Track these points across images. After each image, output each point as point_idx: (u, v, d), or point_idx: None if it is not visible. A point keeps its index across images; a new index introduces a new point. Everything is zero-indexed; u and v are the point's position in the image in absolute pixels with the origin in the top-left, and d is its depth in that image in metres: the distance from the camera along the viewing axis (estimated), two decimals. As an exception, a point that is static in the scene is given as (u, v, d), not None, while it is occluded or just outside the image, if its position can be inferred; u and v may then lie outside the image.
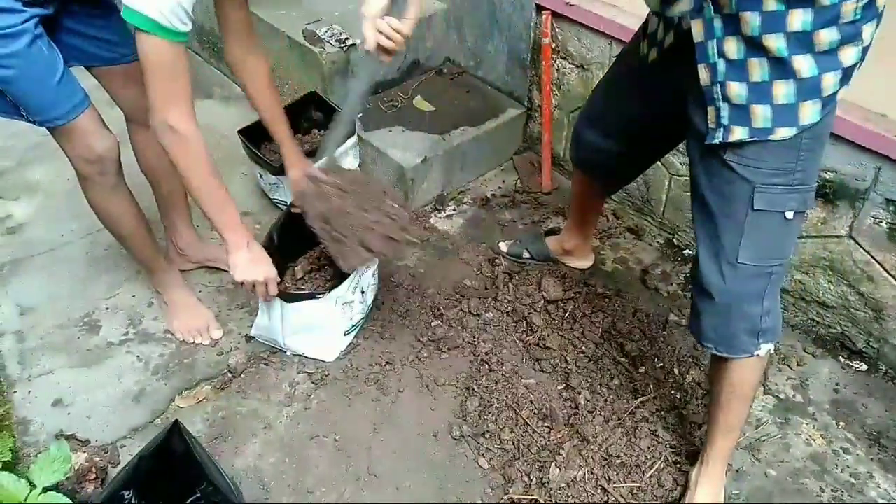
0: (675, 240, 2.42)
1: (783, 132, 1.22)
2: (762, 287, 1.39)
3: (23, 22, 1.48)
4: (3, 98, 1.57)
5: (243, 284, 1.76)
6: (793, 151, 1.25)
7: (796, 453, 1.81)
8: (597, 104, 1.75)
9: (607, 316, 2.12)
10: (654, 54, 1.46)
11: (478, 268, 2.31)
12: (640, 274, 2.31)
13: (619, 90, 1.65)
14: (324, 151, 1.86)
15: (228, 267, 1.77)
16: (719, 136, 1.27)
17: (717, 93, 1.24)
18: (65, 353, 2.02)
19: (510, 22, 2.57)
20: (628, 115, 1.63)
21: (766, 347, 1.46)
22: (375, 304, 2.16)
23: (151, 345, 2.06)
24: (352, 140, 2.44)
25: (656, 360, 2.00)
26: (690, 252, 2.38)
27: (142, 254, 2.01)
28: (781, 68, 1.16)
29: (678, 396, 1.91)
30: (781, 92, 1.18)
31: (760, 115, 1.21)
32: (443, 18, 2.82)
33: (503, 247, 2.34)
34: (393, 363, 2.00)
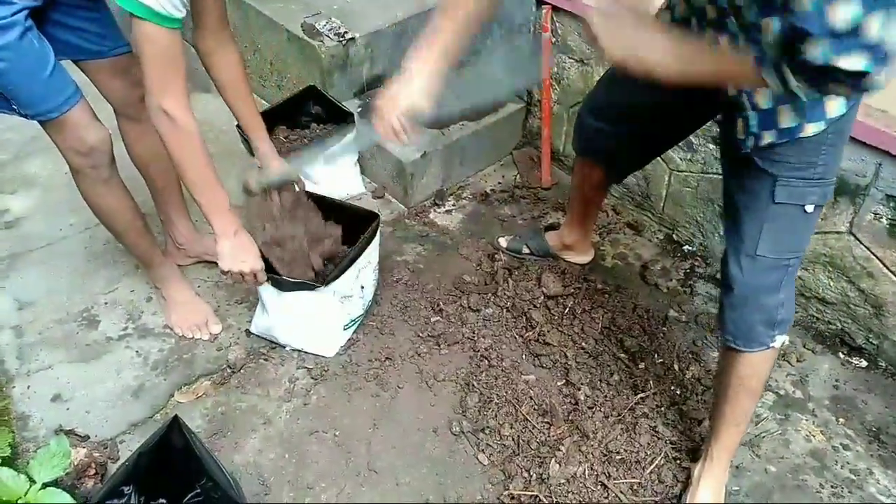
0: (674, 235, 2.41)
1: (811, 128, 1.23)
2: (779, 279, 1.40)
3: (13, 14, 1.47)
4: None
5: (230, 274, 1.75)
6: (816, 146, 1.26)
7: (796, 449, 1.81)
8: (602, 92, 1.75)
9: (607, 312, 2.11)
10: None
11: (477, 263, 2.31)
12: (640, 270, 2.31)
13: (626, 82, 1.64)
14: (294, 165, 1.95)
15: (218, 260, 1.76)
16: (750, 144, 1.29)
17: (746, 102, 1.26)
18: (64, 348, 2.02)
19: (510, 16, 2.56)
20: (635, 103, 1.62)
21: (780, 339, 1.46)
22: (375, 300, 2.15)
23: (150, 340, 2.06)
24: (350, 135, 2.43)
25: (656, 356, 2.00)
26: (690, 248, 2.37)
27: (138, 248, 2.00)
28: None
29: (678, 392, 1.91)
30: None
31: (787, 115, 1.22)
32: (442, 12, 2.81)
33: (503, 242, 2.34)
34: (392, 359, 2.00)
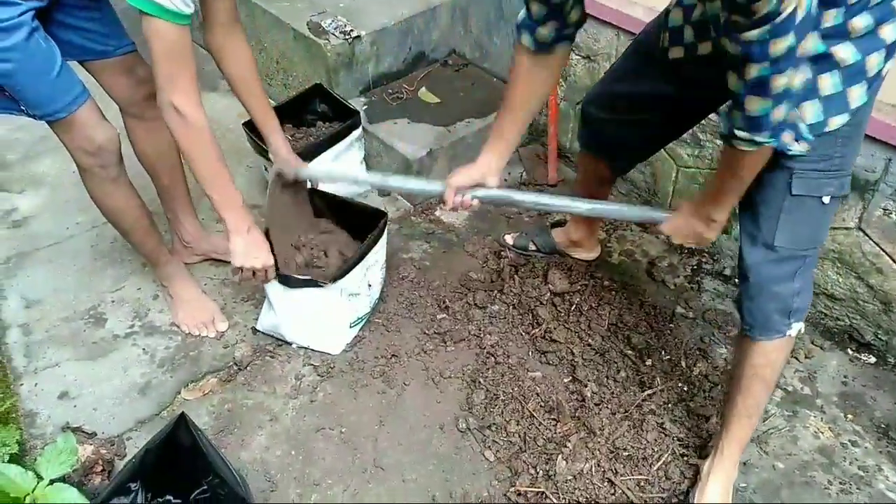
0: (681, 232, 2.40)
1: (836, 121, 1.22)
2: (794, 269, 1.40)
3: (19, 15, 1.47)
4: (3, 93, 1.57)
5: (241, 271, 1.76)
6: (833, 138, 1.25)
7: (804, 446, 1.80)
8: (605, 84, 1.75)
9: (614, 308, 2.11)
10: (678, 53, 1.47)
11: (483, 260, 2.31)
12: (647, 266, 2.30)
13: (633, 72, 1.65)
14: (320, 173, 2.03)
15: (230, 257, 1.77)
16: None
17: None
18: (71, 346, 2.03)
19: (516, 13, 2.55)
20: (637, 94, 1.62)
21: (796, 326, 1.46)
22: (381, 297, 2.15)
23: (157, 337, 2.06)
24: (356, 132, 2.43)
25: (663, 353, 1.99)
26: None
27: (145, 247, 2.00)
28: (823, 62, 1.16)
29: (685, 389, 1.90)
30: (827, 84, 1.18)
31: (810, 112, 1.21)
32: (448, 10, 2.81)
33: (509, 239, 2.34)
34: (399, 356, 2.00)
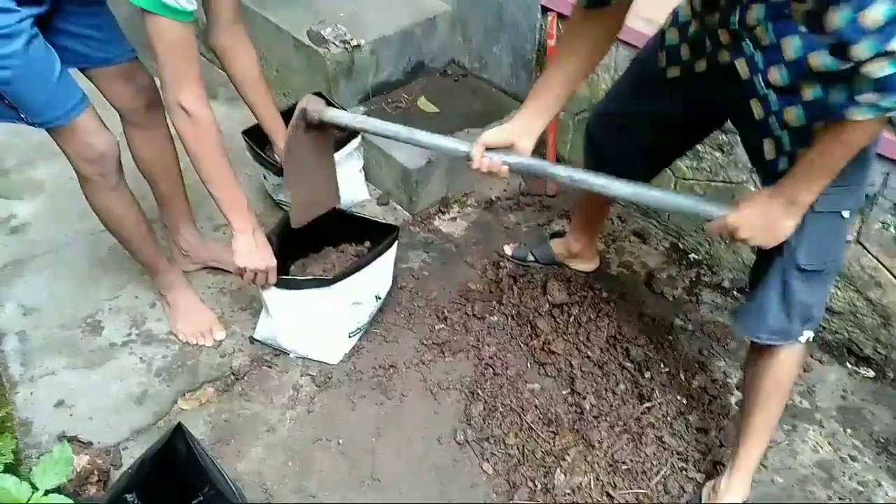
0: (680, 244, 2.40)
1: None
2: (814, 280, 1.40)
3: (18, 21, 1.47)
4: (2, 101, 1.56)
5: (244, 273, 1.76)
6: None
7: (803, 460, 1.80)
8: (609, 103, 1.75)
9: (612, 320, 2.10)
10: (675, 72, 1.47)
11: (482, 271, 2.30)
12: (646, 278, 2.30)
13: (635, 93, 1.65)
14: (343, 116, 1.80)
15: (232, 266, 1.76)
16: (783, 164, 1.28)
17: (774, 122, 1.26)
18: (67, 354, 2.02)
19: (515, 23, 2.56)
20: (641, 113, 1.62)
21: (807, 334, 1.46)
22: (379, 307, 2.15)
23: (154, 346, 2.05)
24: (355, 141, 2.43)
25: (662, 366, 1.99)
26: (696, 256, 2.36)
27: (144, 255, 2.00)
28: (834, 79, 1.15)
29: (684, 402, 1.90)
30: (838, 100, 1.17)
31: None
32: (448, 20, 2.81)
33: (508, 250, 2.33)
34: (397, 366, 1.99)
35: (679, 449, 1.78)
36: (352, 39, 2.62)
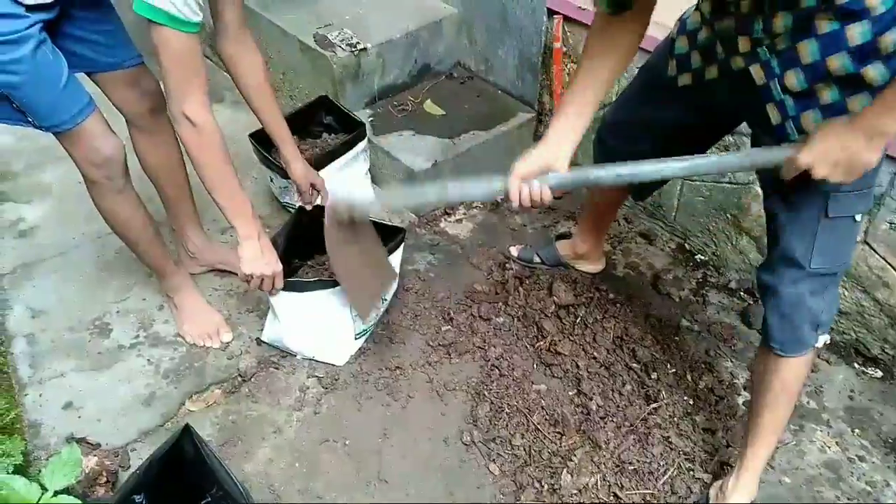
0: (686, 245, 2.40)
1: None
2: (827, 284, 1.40)
3: (27, 27, 1.48)
4: (10, 105, 1.57)
5: (250, 280, 1.76)
6: None
7: (811, 461, 1.79)
8: (620, 111, 1.73)
9: (619, 321, 2.10)
10: (686, 79, 1.46)
11: (488, 272, 2.31)
12: (652, 279, 2.29)
13: (645, 101, 1.63)
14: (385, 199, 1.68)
15: (239, 264, 1.77)
16: (790, 129, 1.27)
17: (791, 128, 1.25)
18: (76, 357, 2.03)
19: (521, 26, 2.57)
20: (653, 121, 1.61)
21: (823, 339, 1.45)
22: (385, 309, 2.15)
23: (162, 348, 2.06)
24: (362, 144, 2.43)
25: (668, 366, 1.98)
26: (702, 257, 2.36)
27: (151, 258, 2.01)
28: (853, 84, 1.15)
29: (691, 403, 1.90)
30: (857, 105, 1.17)
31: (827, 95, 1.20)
32: (454, 22, 2.82)
33: (514, 251, 2.33)
34: (403, 368, 2.00)
35: (686, 449, 1.78)
36: (358, 43, 2.63)
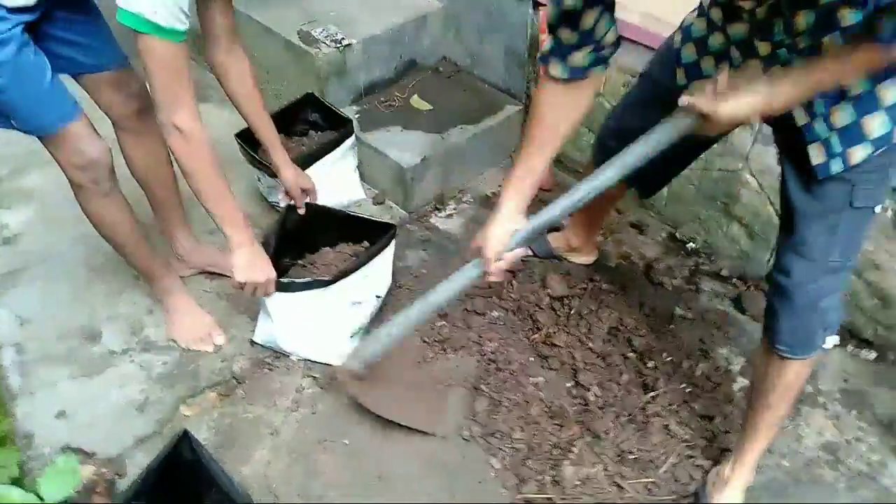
0: (677, 234, 2.41)
1: None
2: (840, 280, 1.37)
3: (9, 29, 1.45)
4: None
5: (244, 287, 1.74)
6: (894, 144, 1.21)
7: (809, 444, 1.81)
8: (626, 119, 1.67)
9: (613, 311, 2.10)
10: None
11: (481, 266, 2.29)
12: (645, 268, 2.30)
13: (651, 108, 1.51)
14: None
15: (229, 272, 1.75)
16: (837, 166, 1.22)
17: (821, 125, 1.21)
18: (66, 364, 1.99)
19: (507, 19, 2.56)
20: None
21: (831, 340, 1.43)
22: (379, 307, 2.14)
23: (154, 353, 2.03)
24: (349, 141, 2.42)
25: (664, 355, 1.99)
26: (693, 246, 2.37)
27: (139, 262, 1.98)
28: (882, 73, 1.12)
29: (689, 390, 1.90)
30: (890, 94, 1.15)
31: (876, 124, 1.17)
32: (439, 17, 2.81)
33: (506, 244, 2.33)
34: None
35: (686, 437, 1.78)
36: (343, 39, 2.61)
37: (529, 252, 1.37)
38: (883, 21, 1.00)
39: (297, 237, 2.08)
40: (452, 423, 1.83)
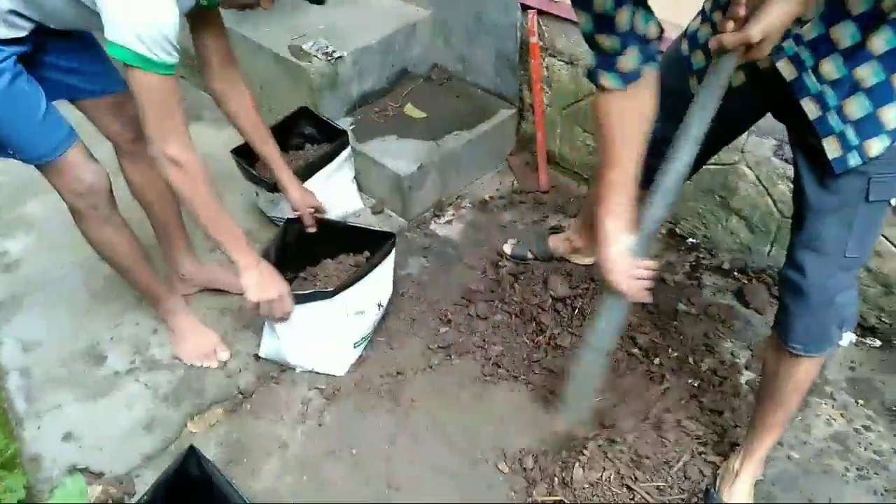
0: (677, 229, 2.41)
1: None
2: (854, 275, 1.35)
3: (2, 61, 1.46)
4: None
5: (259, 306, 1.75)
6: None
7: (818, 434, 1.80)
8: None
9: (616, 310, 2.10)
10: None
11: (482, 271, 2.30)
12: (646, 266, 2.29)
13: (668, 119, 1.42)
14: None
15: (232, 288, 1.75)
16: (854, 160, 1.19)
17: (835, 118, 1.17)
18: (72, 387, 1.99)
19: (496, 23, 2.57)
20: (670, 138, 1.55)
21: (847, 337, 1.42)
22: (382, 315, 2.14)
23: (159, 372, 2.04)
24: (346, 152, 2.42)
25: (670, 350, 1.98)
26: (693, 240, 2.37)
27: (142, 284, 1.98)
28: None
29: (696, 385, 1.89)
30: None
31: (893, 115, 1.13)
32: (428, 25, 2.82)
33: (507, 248, 2.33)
34: (404, 372, 1.98)
35: (698, 433, 1.77)
36: (333, 51, 2.62)
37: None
38: None
39: (297, 250, 2.09)
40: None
